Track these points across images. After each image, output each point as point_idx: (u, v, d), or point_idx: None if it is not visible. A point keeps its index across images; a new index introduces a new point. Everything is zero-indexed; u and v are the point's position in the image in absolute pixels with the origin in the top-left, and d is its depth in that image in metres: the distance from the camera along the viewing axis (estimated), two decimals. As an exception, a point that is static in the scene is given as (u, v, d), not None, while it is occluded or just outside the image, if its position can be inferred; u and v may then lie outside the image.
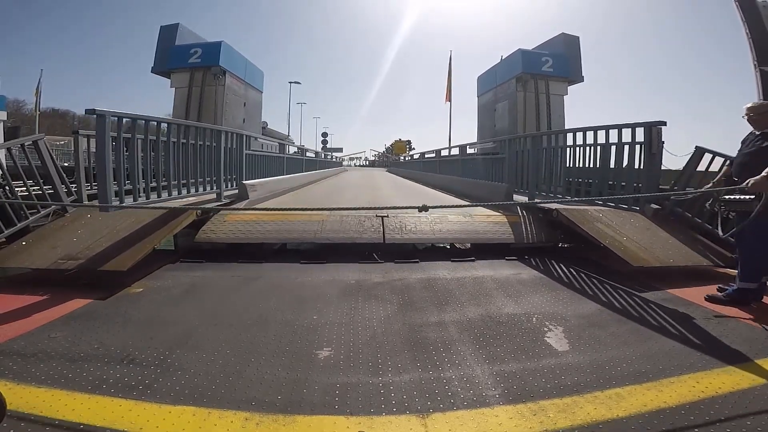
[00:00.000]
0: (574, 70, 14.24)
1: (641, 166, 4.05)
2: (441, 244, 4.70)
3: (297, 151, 14.72)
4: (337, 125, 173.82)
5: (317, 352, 2.18)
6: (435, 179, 12.53)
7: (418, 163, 18.57)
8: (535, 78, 13.93)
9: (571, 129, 5.42)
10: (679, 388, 1.81)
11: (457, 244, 4.77)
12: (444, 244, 4.77)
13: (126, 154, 4.00)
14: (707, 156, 4.70)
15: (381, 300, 3.02)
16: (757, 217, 2.65)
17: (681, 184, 4.91)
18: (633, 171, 4.19)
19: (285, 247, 4.65)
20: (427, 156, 16.12)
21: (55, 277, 3.27)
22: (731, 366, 2.02)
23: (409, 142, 72.55)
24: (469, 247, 4.73)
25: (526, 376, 1.93)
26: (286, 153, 10.37)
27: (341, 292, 3.20)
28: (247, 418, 1.58)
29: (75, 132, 5.01)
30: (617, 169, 4.43)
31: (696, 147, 4.84)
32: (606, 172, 4.57)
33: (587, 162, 4.90)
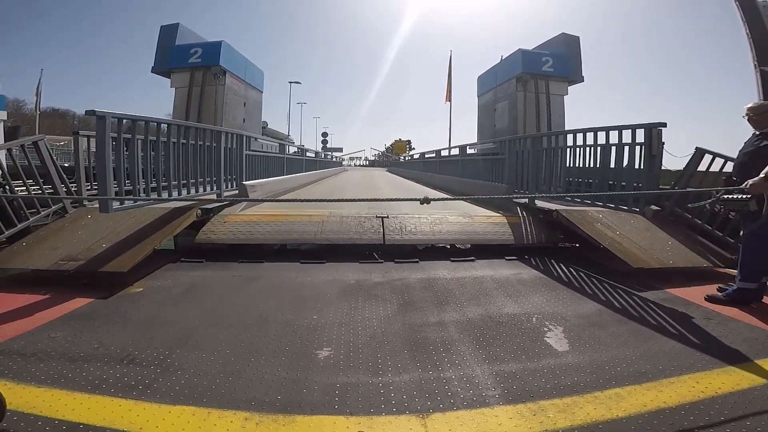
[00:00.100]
0: (574, 70, 14.24)
1: (641, 166, 4.05)
2: (441, 245, 4.71)
3: (297, 151, 14.70)
4: (337, 125, 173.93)
5: (317, 352, 2.18)
6: (435, 179, 12.53)
7: (418, 163, 18.57)
8: (535, 78, 13.93)
9: (571, 130, 5.42)
10: (679, 388, 1.81)
11: (458, 244, 4.77)
12: (444, 245, 4.77)
13: (126, 153, 4.00)
14: (707, 157, 4.71)
15: (381, 300, 3.02)
16: (766, 220, 2.61)
17: (681, 185, 4.92)
18: (633, 171, 4.19)
19: (285, 247, 4.65)
20: (427, 156, 16.12)
21: (55, 276, 3.26)
22: (731, 366, 2.02)
23: (409, 142, 72.73)
24: (470, 247, 4.73)
25: (526, 377, 1.93)
26: (287, 153, 10.34)
27: (341, 291, 3.20)
28: (246, 418, 1.59)
29: (75, 133, 5.01)
30: (617, 169, 4.43)
31: (696, 148, 4.85)
32: (606, 173, 4.57)
33: (587, 162, 4.90)
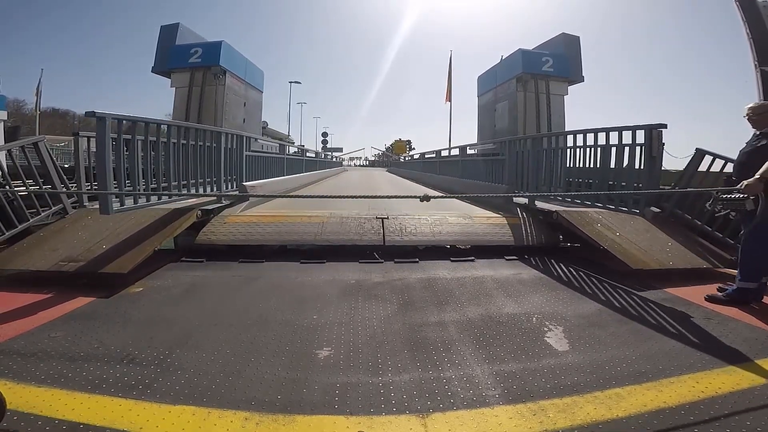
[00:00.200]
0: (574, 70, 14.27)
1: (641, 166, 4.05)
2: (441, 245, 4.71)
3: (297, 152, 14.70)
4: (337, 125, 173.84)
5: (317, 351, 2.18)
6: (435, 180, 12.51)
7: (418, 163, 18.55)
8: (536, 78, 13.96)
9: (572, 131, 5.41)
10: (679, 388, 1.82)
11: (458, 246, 4.77)
12: (444, 246, 4.77)
13: (126, 153, 4.00)
14: (707, 158, 4.72)
15: (381, 300, 3.02)
16: (761, 220, 2.65)
17: (681, 186, 4.92)
18: (633, 172, 4.19)
19: (285, 248, 4.65)
20: (428, 156, 16.09)
21: (55, 276, 3.26)
22: (731, 366, 2.02)
23: (409, 142, 72.86)
24: (470, 247, 4.73)
25: (526, 376, 1.93)
26: (287, 153, 10.33)
27: (341, 291, 3.20)
28: (246, 418, 1.59)
29: (75, 134, 5.00)
30: (617, 170, 4.43)
31: (696, 149, 4.85)
32: (606, 174, 4.57)
33: (588, 163, 4.90)
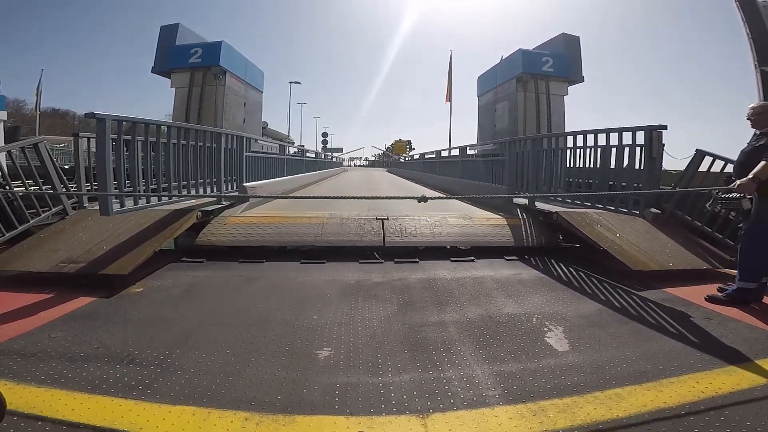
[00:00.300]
0: (574, 70, 14.25)
1: (641, 166, 4.05)
2: (441, 246, 4.71)
3: (297, 152, 14.70)
4: (337, 125, 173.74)
5: (317, 352, 2.18)
6: (435, 180, 12.51)
7: (419, 163, 18.55)
8: (536, 78, 13.95)
9: (572, 132, 5.42)
10: (679, 388, 1.82)
11: (458, 247, 4.77)
12: (444, 247, 4.76)
13: (126, 154, 4.00)
14: (707, 159, 4.71)
15: (381, 300, 3.02)
16: (755, 220, 2.67)
17: (681, 187, 4.92)
18: (633, 172, 4.19)
19: (285, 248, 4.65)
20: (428, 156, 16.10)
21: (55, 276, 3.26)
22: (731, 366, 2.02)
23: (409, 142, 72.88)
24: (470, 248, 4.73)
25: (526, 377, 1.93)
26: (287, 154, 10.31)
27: (341, 292, 3.20)
28: (246, 418, 1.59)
29: (75, 134, 5.00)
30: (617, 170, 4.44)
31: (696, 150, 4.86)
32: (606, 174, 4.57)
33: (588, 164, 4.90)
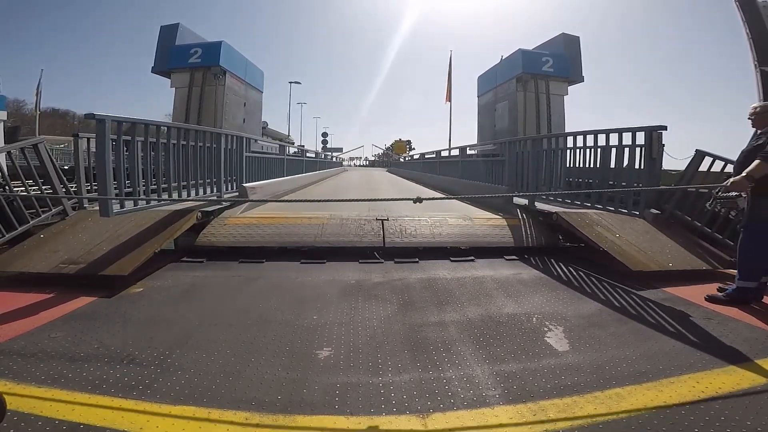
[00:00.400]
0: (574, 70, 14.28)
1: (641, 166, 4.06)
2: (441, 247, 4.71)
3: (297, 152, 14.69)
4: (337, 125, 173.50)
5: (317, 352, 2.18)
6: (435, 180, 12.50)
7: (418, 163, 18.54)
8: (536, 78, 13.97)
9: (572, 132, 5.42)
10: (679, 388, 1.82)
11: (458, 247, 4.77)
12: (444, 247, 4.77)
13: (126, 154, 4.00)
14: (707, 159, 4.72)
15: (381, 300, 3.02)
16: (752, 219, 2.68)
17: (681, 186, 4.92)
18: (633, 173, 4.19)
19: (285, 248, 4.65)
20: (428, 156, 16.08)
21: (55, 276, 3.26)
22: (731, 366, 2.02)
23: (409, 142, 72.81)
24: (469, 247, 4.72)
25: (526, 376, 1.93)
26: (286, 154, 10.30)
27: (341, 292, 3.20)
28: (247, 418, 1.59)
29: (75, 135, 4.99)
30: (617, 170, 4.44)
31: (696, 150, 4.86)
32: (606, 175, 4.57)
33: (588, 164, 4.90)
